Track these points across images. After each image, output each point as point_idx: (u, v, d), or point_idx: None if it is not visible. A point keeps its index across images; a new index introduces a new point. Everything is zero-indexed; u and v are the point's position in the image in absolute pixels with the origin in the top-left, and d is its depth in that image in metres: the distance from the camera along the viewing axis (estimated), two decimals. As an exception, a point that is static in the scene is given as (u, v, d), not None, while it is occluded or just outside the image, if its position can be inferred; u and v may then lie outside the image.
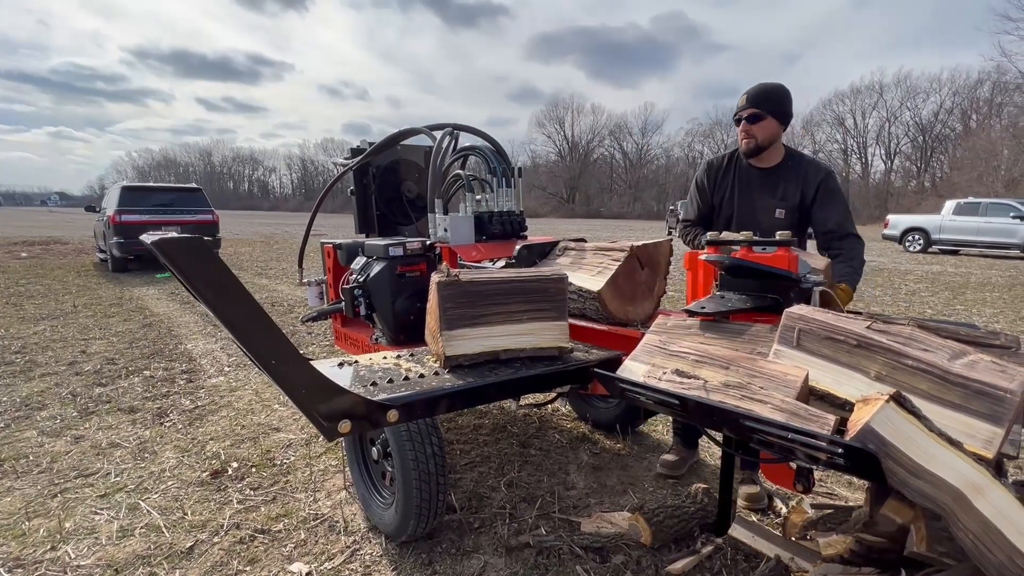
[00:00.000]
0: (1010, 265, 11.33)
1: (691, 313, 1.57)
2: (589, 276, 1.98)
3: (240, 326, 0.98)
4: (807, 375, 1.22)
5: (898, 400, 0.96)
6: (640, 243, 2.05)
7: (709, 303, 1.56)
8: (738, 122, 2.07)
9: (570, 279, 1.87)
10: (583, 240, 2.37)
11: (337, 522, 2.01)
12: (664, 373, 1.38)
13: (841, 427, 1.08)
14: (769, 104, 2.01)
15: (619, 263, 1.95)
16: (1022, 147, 28.26)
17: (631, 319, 1.97)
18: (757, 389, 1.23)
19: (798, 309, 1.34)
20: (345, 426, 1.18)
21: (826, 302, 1.48)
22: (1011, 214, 12.94)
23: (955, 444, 0.94)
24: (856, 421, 1.00)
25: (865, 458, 0.92)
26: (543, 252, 2.34)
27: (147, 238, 0.88)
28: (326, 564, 1.78)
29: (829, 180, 2.05)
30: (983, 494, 0.90)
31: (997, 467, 1.23)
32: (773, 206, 2.07)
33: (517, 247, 2.23)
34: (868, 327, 1.22)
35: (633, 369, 1.47)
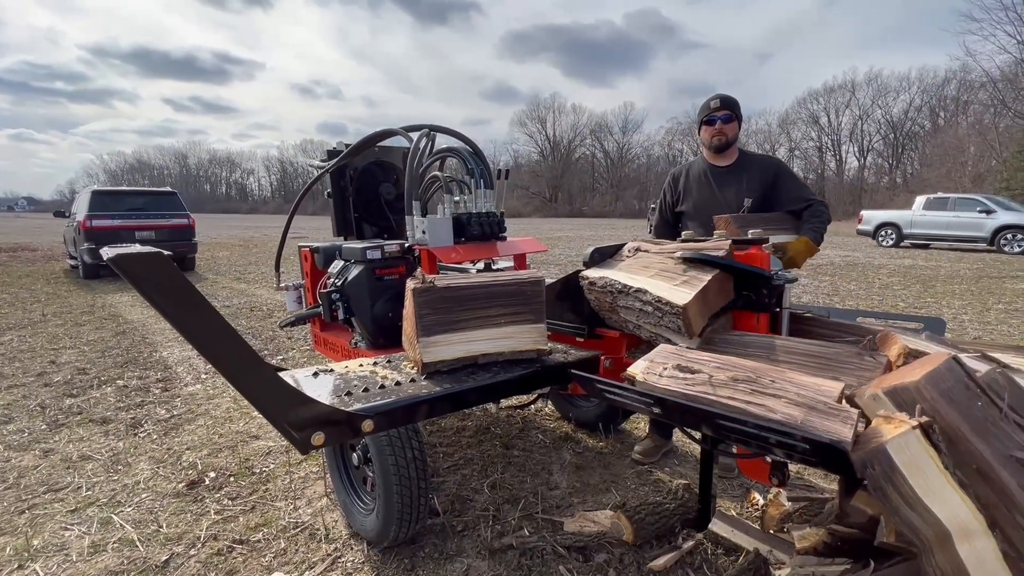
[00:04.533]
0: (977, 258, 11.71)
1: None
2: (670, 286, 1.59)
3: (205, 342, 0.95)
4: (844, 387, 1.13)
5: (926, 430, 0.91)
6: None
7: None
8: (711, 122, 2.38)
9: (644, 286, 1.60)
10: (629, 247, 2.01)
11: (318, 530, 1.98)
12: (665, 369, 1.31)
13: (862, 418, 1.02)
14: (735, 108, 2.38)
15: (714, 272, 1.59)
16: (987, 143, 29.24)
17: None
18: (768, 383, 1.16)
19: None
20: (318, 438, 1.16)
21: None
22: (977, 209, 13.38)
23: (964, 486, 0.90)
24: (871, 437, 0.95)
25: (833, 454, 0.94)
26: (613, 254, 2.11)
27: (106, 253, 0.86)
28: (307, 573, 1.75)
29: (781, 166, 2.41)
30: (969, 540, 0.88)
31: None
32: (741, 196, 2.34)
33: (589, 251, 2.03)
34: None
35: (636, 366, 1.38)
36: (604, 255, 2.02)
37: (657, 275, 1.67)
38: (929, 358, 1.05)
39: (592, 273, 1.79)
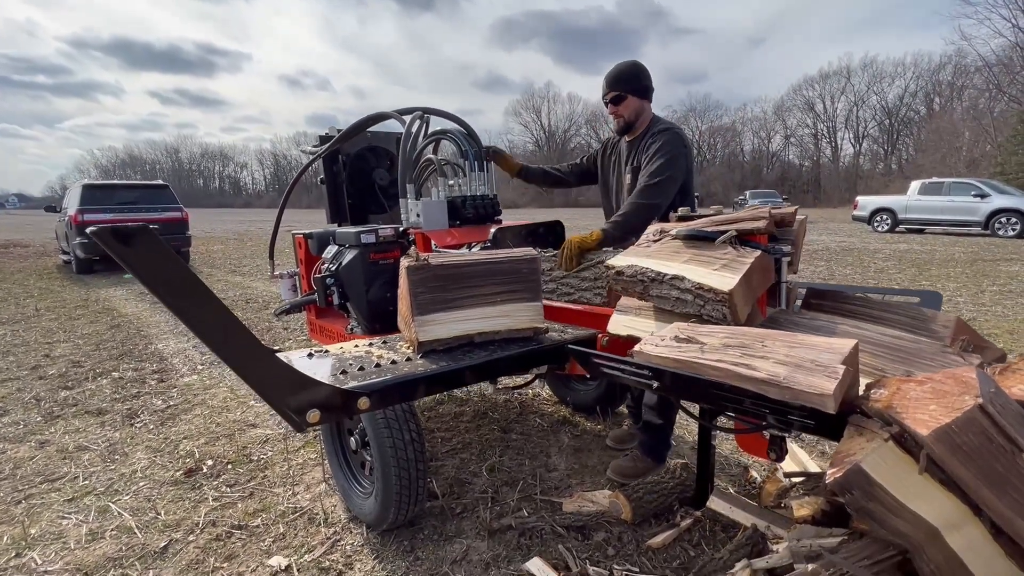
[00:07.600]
0: (971, 242, 11.76)
1: None
2: (710, 271, 1.49)
3: (197, 320, 0.93)
4: (856, 344, 1.09)
5: (898, 440, 0.89)
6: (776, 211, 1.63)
7: None
8: (607, 105, 2.29)
9: (680, 273, 1.51)
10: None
11: (317, 514, 1.98)
12: (663, 339, 1.30)
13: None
14: (625, 85, 2.22)
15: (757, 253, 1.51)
16: (982, 128, 29.26)
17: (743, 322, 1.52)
18: (759, 347, 1.13)
19: None
20: (314, 415, 1.15)
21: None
22: (972, 193, 13.40)
23: (946, 483, 0.87)
24: (845, 454, 0.92)
25: (829, 420, 0.93)
26: (524, 234, 2.29)
27: (91, 229, 0.83)
28: (306, 556, 1.75)
29: (656, 142, 2.15)
30: (958, 530, 0.87)
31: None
32: (628, 174, 2.26)
33: (492, 230, 2.19)
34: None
35: (645, 341, 1.36)
36: (506, 235, 2.10)
37: (692, 260, 1.55)
38: (950, 385, 0.92)
39: (618, 261, 1.66)
